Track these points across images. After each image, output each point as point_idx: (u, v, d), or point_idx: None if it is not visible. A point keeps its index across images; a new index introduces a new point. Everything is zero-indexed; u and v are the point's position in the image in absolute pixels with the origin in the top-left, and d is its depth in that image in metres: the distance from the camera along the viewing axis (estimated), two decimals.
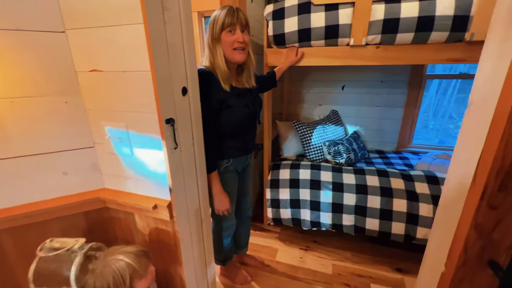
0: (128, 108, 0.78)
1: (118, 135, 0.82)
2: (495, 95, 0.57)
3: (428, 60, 1.35)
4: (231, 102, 1.05)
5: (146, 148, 0.81)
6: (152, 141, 0.80)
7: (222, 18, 0.98)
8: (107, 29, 0.72)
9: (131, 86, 0.76)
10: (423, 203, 1.53)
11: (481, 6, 1.15)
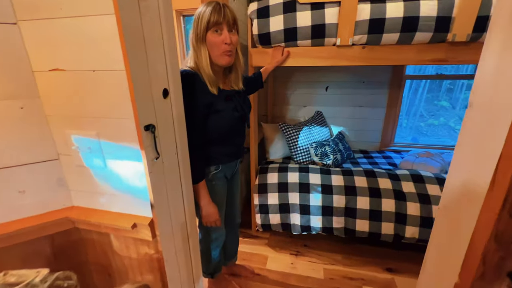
0: (99, 114, 0.67)
1: (87, 145, 0.71)
2: (501, 95, 0.55)
3: (412, 60, 1.36)
4: (219, 106, 0.97)
5: (122, 159, 0.71)
6: (129, 151, 0.69)
7: (207, 15, 0.88)
8: (71, 20, 0.61)
9: (102, 87, 0.65)
10: (410, 202, 1.55)
11: (461, 8, 1.17)
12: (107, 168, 0.73)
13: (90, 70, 0.63)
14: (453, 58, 1.30)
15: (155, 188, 0.71)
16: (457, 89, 8.69)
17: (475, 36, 1.20)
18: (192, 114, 0.90)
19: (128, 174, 0.72)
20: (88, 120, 0.69)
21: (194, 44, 0.93)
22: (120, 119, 0.66)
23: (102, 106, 0.67)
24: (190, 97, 0.89)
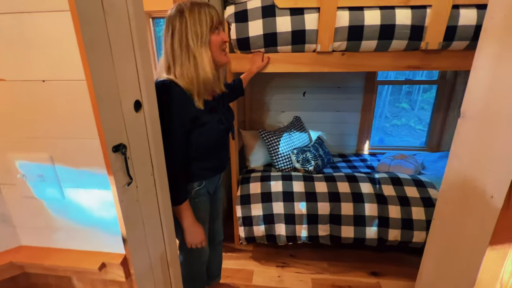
0: (53, 133, 0.54)
1: (38, 172, 0.57)
2: (499, 104, 0.54)
3: (389, 67, 1.39)
4: (204, 119, 0.88)
5: (85, 187, 0.58)
6: (94, 177, 0.57)
7: (209, 16, 0.81)
8: (10, 18, 0.48)
9: (57, 101, 0.52)
10: (391, 205, 1.58)
11: (433, 18, 1.22)
12: (65, 199, 0.59)
13: (38, 80, 0.50)
14: (426, 65, 1.35)
15: (128, 219, 0.60)
16: (415, 92, 9.47)
17: (445, 44, 1.26)
18: (174, 129, 0.80)
19: (93, 205, 0.59)
20: (39, 141, 0.55)
21: (193, 46, 0.81)
22: (81, 139, 0.54)
23: (56, 124, 0.54)
24: (171, 110, 0.79)
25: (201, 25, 0.81)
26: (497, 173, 0.53)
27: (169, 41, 0.82)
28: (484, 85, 0.58)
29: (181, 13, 0.80)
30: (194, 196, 0.98)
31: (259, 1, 1.35)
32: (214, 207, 1.20)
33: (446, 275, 0.68)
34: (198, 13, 0.80)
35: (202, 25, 0.81)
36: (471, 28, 1.21)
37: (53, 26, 0.47)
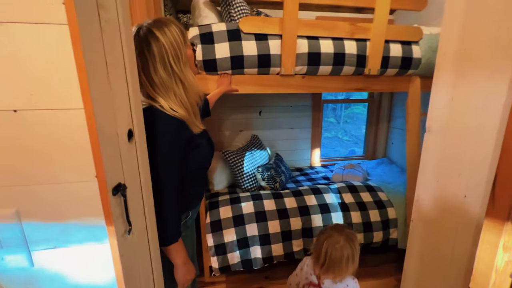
0: (24, 180, 0.40)
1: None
2: (458, 119, 0.67)
3: (341, 89, 1.58)
4: (198, 141, 0.81)
5: (66, 245, 0.44)
6: (83, 230, 0.44)
7: (179, 31, 0.76)
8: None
9: (33, 136, 0.39)
10: (353, 212, 1.73)
11: (372, 49, 1.46)
12: (33, 267, 0.44)
13: (8, 109, 0.37)
14: (368, 87, 1.59)
15: (129, 277, 0.48)
16: (339, 108, 11.01)
17: (382, 71, 1.52)
18: (172, 158, 0.72)
19: (79, 268, 0.45)
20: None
21: (178, 72, 0.74)
22: (68, 184, 0.41)
23: (30, 167, 0.40)
24: (167, 139, 0.71)
25: (177, 45, 0.76)
26: (467, 176, 0.65)
27: (150, 68, 0.73)
28: (443, 105, 0.72)
29: (152, 34, 0.73)
30: (182, 230, 0.86)
31: (224, 25, 1.37)
32: (193, 239, 1.08)
33: (431, 270, 0.78)
34: (170, 32, 0.75)
35: (178, 44, 0.76)
36: (399, 58, 1.50)
37: (39, 41, 0.36)
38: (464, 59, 0.62)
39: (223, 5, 1.56)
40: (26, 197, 0.41)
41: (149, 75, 0.73)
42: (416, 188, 0.84)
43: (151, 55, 0.72)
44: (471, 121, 0.64)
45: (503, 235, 0.52)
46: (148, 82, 0.74)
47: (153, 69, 0.73)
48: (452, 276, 0.69)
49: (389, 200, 1.81)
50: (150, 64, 0.73)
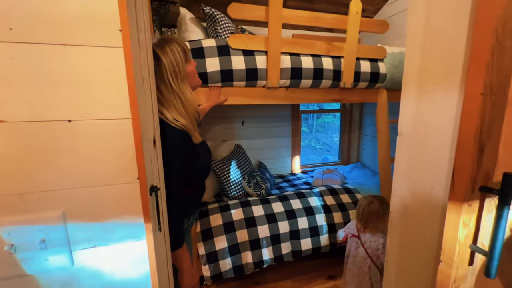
0: (72, 183, 0.44)
1: (39, 237, 0.43)
2: (422, 125, 0.83)
3: (321, 100, 1.74)
4: (199, 150, 0.87)
5: (106, 244, 0.48)
6: (121, 228, 0.48)
7: (181, 49, 0.84)
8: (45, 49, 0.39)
9: (84, 143, 0.44)
10: (335, 213, 1.87)
11: (345, 65, 1.65)
12: (74, 266, 0.46)
13: (63, 120, 0.42)
14: (344, 98, 1.78)
15: (160, 271, 0.52)
16: (310, 118, 11.56)
17: (355, 84, 1.72)
18: (178, 169, 0.77)
19: (117, 264, 0.49)
20: (47, 195, 0.43)
21: (175, 89, 0.80)
22: (111, 186, 0.46)
23: (77, 172, 0.44)
24: (174, 148, 0.76)
25: (177, 63, 0.82)
26: (433, 170, 0.80)
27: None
28: (411, 113, 0.88)
29: (155, 54, 0.78)
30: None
31: (214, 41, 1.46)
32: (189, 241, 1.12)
33: (409, 253, 0.91)
34: (171, 51, 0.82)
35: (178, 62, 0.83)
36: (368, 73, 1.71)
37: (93, 60, 0.42)
38: (424, 78, 0.79)
39: (209, 22, 1.66)
40: (72, 199, 0.44)
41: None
42: (392, 184, 0.98)
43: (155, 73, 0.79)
44: (432, 126, 0.79)
45: (462, 214, 0.66)
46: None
47: (156, 85, 0.79)
48: (426, 255, 0.83)
49: None
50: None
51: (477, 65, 0.60)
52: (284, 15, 1.47)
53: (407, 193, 0.90)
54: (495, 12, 0.57)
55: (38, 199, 0.43)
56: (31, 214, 0.42)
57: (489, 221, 0.68)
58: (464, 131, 0.64)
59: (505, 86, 0.62)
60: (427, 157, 0.81)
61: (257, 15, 1.44)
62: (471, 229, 0.68)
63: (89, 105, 0.43)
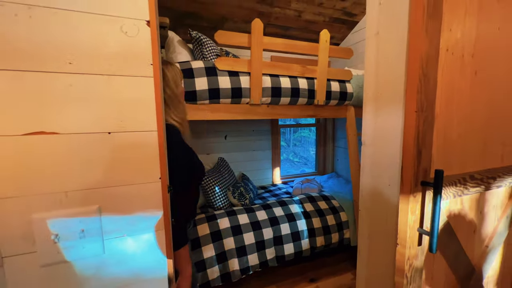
0: (106, 183, 0.54)
1: (79, 228, 0.52)
2: (380, 136, 1.04)
3: (298, 115, 1.95)
4: (193, 153, 1.05)
5: (132, 235, 0.58)
6: (145, 221, 0.59)
7: (178, 70, 1.04)
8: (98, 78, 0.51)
9: (120, 150, 0.55)
10: (314, 218, 2.03)
11: (317, 85, 1.89)
12: (105, 253, 0.56)
13: (103, 132, 0.53)
14: (318, 114, 2.01)
15: (174, 260, 0.63)
16: (288, 133, 12.00)
17: (327, 102, 1.96)
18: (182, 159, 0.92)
19: (138, 251, 0.59)
20: (87, 193, 0.53)
21: (180, 100, 1.00)
22: (139, 185, 0.57)
23: (113, 173, 0.55)
24: (180, 149, 0.93)
25: (175, 77, 1.02)
26: (388, 171, 0.99)
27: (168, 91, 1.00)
28: (371, 127, 1.08)
29: (162, 71, 0.97)
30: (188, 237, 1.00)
31: (202, 62, 1.61)
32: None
33: (376, 243, 1.08)
34: (173, 70, 1.03)
35: (177, 77, 1.02)
36: (338, 92, 1.97)
37: (130, 86, 0.54)
38: (379, 98, 1.00)
39: (195, 45, 1.82)
40: (107, 196, 0.55)
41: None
42: (360, 185, 1.17)
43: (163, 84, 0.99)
44: (387, 137, 1.00)
45: (409, 204, 0.85)
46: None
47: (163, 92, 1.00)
48: (388, 242, 1.00)
49: (341, 206, 2.18)
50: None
51: (411, 90, 0.81)
52: (265, 42, 1.68)
53: (371, 191, 1.09)
54: (420, 53, 0.80)
55: (80, 196, 0.52)
56: (74, 208, 0.52)
57: (430, 208, 0.87)
58: (406, 139, 0.84)
59: (432, 105, 0.84)
60: (384, 161, 1.01)
61: (241, 41, 1.63)
62: (417, 216, 0.87)
63: (124, 120, 0.55)
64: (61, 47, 0.48)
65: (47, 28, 0.47)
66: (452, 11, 0.84)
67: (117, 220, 0.56)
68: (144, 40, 0.53)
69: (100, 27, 0.50)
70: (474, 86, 0.95)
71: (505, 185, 1.09)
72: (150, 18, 0.53)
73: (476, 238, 1.07)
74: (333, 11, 2.43)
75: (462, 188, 0.96)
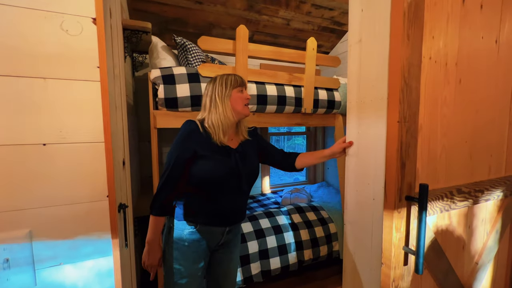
0: (39, 202, 0.47)
1: (3, 256, 0.44)
2: (363, 147, 0.99)
3: (285, 123, 1.90)
4: (209, 153, 0.98)
5: (72, 262, 0.50)
6: (89, 245, 0.51)
7: (234, 78, 1.08)
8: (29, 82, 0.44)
9: (56, 165, 0.48)
10: (302, 230, 1.96)
11: (305, 93, 1.85)
12: (35, 286, 0.47)
13: (37, 143, 0.46)
14: (306, 122, 1.96)
15: (126, 287, 0.55)
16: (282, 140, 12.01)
17: (315, 110, 1.92)
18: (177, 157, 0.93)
19: (80, 282, 0.51)
20: (14, 215, 0.45)
21: (218, 100, 1.04)
22: (82, 204, 0.50)
23: (47, 191, 0.48)
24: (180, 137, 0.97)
25: (226, 86, 1.06)
26: (373, 184, 0.94)
27: (204, 97, 1.10)
28: (354, 136, 1.03)
29: (214, 80, 1.09)
30: (186, 239, 1.00)
31: (184, 68, 1.56)
32: (219, 270, 1.14)
33: (360, 259, 1.01)
34: (226, 79, 1.07)
35: (227, 85, 1.06)
36: (325, 101, 1.93)
37: (70, 92, 0.48)
38: (361, 107, 0.96)
39: (180, 50, 1.77)
40: (41, 218, 0.47)
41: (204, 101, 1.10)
42: (344, 197, 1.11)
43: (208, 90, 1.09)
44: (370, 147, 0.95)
45: (394, 220, 0.79)
46: (203, 105, 1.10)
47: (204, 98, 1.10)
48: (373, 259, 0.94)
49: (330, 217, 2.11)
50: (205, 95, 1.10)
51: (393, 99, 0.77)
52: (250, 49, 1.64)
53: (355, 205, 1.03)
54: (402, 60, 0.76)
55: (5, 218, 0.45)
56: None
57: (416, 224, 0.82)
58: (389, 151, 0.79)
59: (415, 116, 0.80)
60: (368, 173, 0.95)
61: (225, 47, 1.59)
62: (403, 233, 0.81)
63: (64, 130, 0.48)
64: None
65: None
66: (434, 18, 0.81)
67: (54, 246, 0.48)
68: (89, 39, 0.47)
69: (34, 24, 0.44)
70: (458, 95, 0.91)
71: (494, 198, 1.05)
72: (97, 16, 0.47)
73: (465, 255, 1.02)
74: (321, 20, 2.43)
75: (449, 202, 0.91)
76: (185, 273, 1.00)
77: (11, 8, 0.42)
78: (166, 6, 1.97)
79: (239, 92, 1.09)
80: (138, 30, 1.58)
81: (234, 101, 1.06)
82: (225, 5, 2.06)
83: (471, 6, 0.89)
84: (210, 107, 1.06)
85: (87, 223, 0.50)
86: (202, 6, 2.04)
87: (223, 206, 1.03)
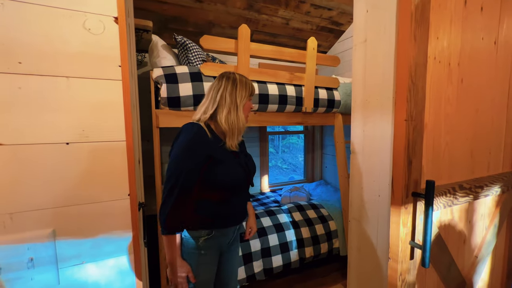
0: (63, 201, 0.47)
1: (27, 256, 0.44)
2: (368, 145, 1.01)
3: (286, 122, 1.91)
4: (223, 158, 0.94)
5: (95, 260, 0.50)
6: (111, 244, 0.51)
7: (250, 86, 1.05)
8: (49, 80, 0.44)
9: (79, 163, 0.47)
10: (303, 228, 1.98)
11: (306, 92, 1.87)
12: (59, 284, 0.47)
13: (60, 142, 0.46)
14: (306, 121, 1.98)
15: (145, 284, 0.55)
16: (276, 139, 12.05)
17: (315, 109, 1.94)
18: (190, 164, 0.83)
19: (103, 279, 0.51)
20: (37, 214, 0.45)
21: (238, 103, 0.99)
22: (104, 203, 0.50)
23: (73, 191, 0.47)
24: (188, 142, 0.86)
25: (245, 91, 1.03)
26: (378, 181, 0.96)
27: (221, 92, 0.99)
28: (359, 135, 1.05)
29: (234, 80, 1.02)
30: (201, 247, 0.93)
31: (186, 67, 1.56)
32: (226, 267, 1.11)
33: (366, 256, 1.04)
34: (245, 83, 1.04)
35: (246, 91, 1.03)
36: (325, 100, 1.96)
37: (93, 90, 0.48)
38: (367, 106, 0.98)
39: (180, 49, 1.76)
40: (64, 217, 0.47)
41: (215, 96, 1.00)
42: (349, 195, 1.13)
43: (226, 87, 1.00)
44: (376, 145, 0.97)
45: (401, 216, 0.81)
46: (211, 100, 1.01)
47: (222, 93, 0.99)
48: (379, 255, 0.96)
49: (329, 215, 2.14)
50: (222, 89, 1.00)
51: (401, 98, 0.79)
52: (252, 48, 1.65)
53: (361, 202, 1.06)
54: (409, 60, 0.78)
55: (29, 218, 0.44)
56: (20, 233, 0.44)
57: (422, 220, 0.84)
58: (396, 148, 0.81)
59: (421, 114, 0.82)
60: (374, 171, 0.98)
61: (227, 47, 1.59)
62: (409, 228, 0.83)
63: (87, 129, 0.48)
64: (9, 44, 0.41)
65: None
66: (438, 19, 0.84)
67: (76, 245, 0.48)
68: (111, 39, 0.47)
69: (57, 22, 0.43)
70: (460, 94, 0.94)
71: (492, 194, 1.09)
72: (118, 15, 0.48)
73: (466, 249, 1.05)
74: (320, 20, 2.45)
75: (452, 198, 0.94)
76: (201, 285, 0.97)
77: (35, 7, 0.42)
78: (166, 4, 1.96)
79: (249, 101, 1.07)
80: (139, 29, 1.57)
81: (245, 108, 1.05)
82: (225, 4, 2.06)
83: (472, 8, 0.92)
84: (224, 106, 0.97)
85: (109, 222, 0.50)
86: (202, 5, 2.03)
87: (236, 206, 1.05)
